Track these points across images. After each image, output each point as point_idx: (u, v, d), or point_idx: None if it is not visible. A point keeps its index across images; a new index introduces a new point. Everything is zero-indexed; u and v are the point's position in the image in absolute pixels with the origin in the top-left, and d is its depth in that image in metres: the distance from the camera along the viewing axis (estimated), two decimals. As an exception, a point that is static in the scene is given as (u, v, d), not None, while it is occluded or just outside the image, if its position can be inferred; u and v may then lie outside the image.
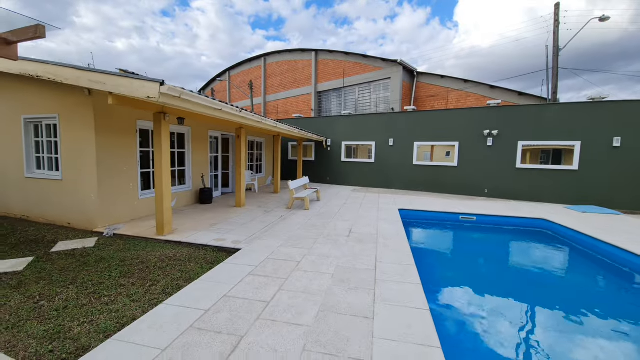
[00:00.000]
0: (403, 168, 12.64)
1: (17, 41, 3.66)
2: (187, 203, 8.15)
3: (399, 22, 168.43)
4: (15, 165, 6.27)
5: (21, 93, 6.02)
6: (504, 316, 3.65)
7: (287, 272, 3.80)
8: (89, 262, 4.10)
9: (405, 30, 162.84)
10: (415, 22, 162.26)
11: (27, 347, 2.36)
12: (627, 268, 5.06)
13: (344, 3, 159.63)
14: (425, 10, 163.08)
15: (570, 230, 6.64)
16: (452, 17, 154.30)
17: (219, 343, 2.35)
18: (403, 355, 2.24)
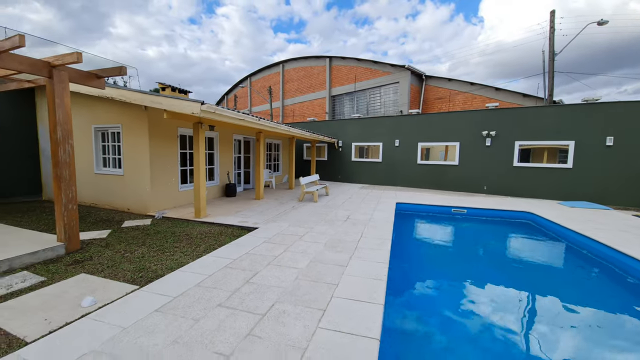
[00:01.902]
0: (408, 167, 13.61)
1: (105, 76, 5.25)
2: (216, 196, 9.71)
3: (421, 19, 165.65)
4: (87, 164, 8.06)
5: (92, 108, 7.79)
6: (443, 277, 4.76)
7: (291, 241, 5.12)
8: (150, 233, 5.64)
9: (428, 28, 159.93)
10: (438, 19, 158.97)
11: (124, 275, 3.82)
12: (585, 251, 5.91)
13: (364, 3, 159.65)
14: (449, 6, 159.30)
15: (548, 221, 7.47)
16: (477, 12, 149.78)
17: (243, 273, 3.71)
18: (358, 282, 3.48)
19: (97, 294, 3.21)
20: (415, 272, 4.98)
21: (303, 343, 2.37)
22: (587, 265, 5.52)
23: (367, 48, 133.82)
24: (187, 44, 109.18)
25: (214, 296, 3.13)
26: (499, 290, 4.48)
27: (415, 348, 2.99)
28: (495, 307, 3.86)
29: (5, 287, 3.39)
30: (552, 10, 11.46)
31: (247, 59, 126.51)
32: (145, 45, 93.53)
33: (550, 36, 11.92)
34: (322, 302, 3.04)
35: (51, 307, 2.95)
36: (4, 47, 3.80)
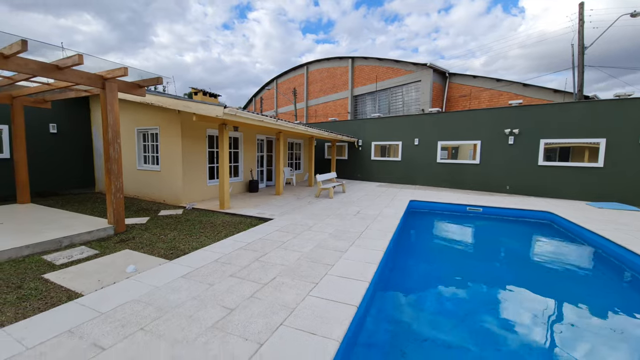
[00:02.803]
0: (427, 166, 13.59)
1: (145, 86, 6.15)
2: (240, 191, 10.55)
3: (455, 13, 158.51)
4: (131, 161, 9.23)
5: (135, 113, 8.92)
6: (436, 267, 5.01)
7: (301, 230, 5.66)
8: (181, 221, 6.48)
9: (462, 22, 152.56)
10: (473, 12, 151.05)
11: (158, 252, 4.58)
12: (599, 250, 5.80)
13: (394, 0, 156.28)
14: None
15: (566, 221, 7.29)
16: (517, 2, 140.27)
17: (254, 254, 4.30)
18: (352, 265, 3.92)
19: (137, 264, 3.97)
20: (411, 261, 5.29)
21: (293, 305, 2.88)
22: (598, 264, 5.45)
23: (396, 45, 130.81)
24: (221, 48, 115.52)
25: (227, 269, 3.75)
26: (482, 279, 4.66)
27: (394, 316, 3.38)
28: (469, 291, 4.12)
29: (66, 257, 4.28)
30: (581, 2, 10.82)
31: (276, 61, 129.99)
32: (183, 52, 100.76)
33: (579, 29, 11.28)
34: (317, 277, 3.53)
35: (103, 272, 3.74)
36: (67, 64, 4.73)
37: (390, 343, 2.96)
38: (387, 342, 2.97)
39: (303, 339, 2.35)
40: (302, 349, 2.24)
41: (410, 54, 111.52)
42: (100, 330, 2.43)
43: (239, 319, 2.64)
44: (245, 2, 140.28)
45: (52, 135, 9.44)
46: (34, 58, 4.55)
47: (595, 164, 9.87)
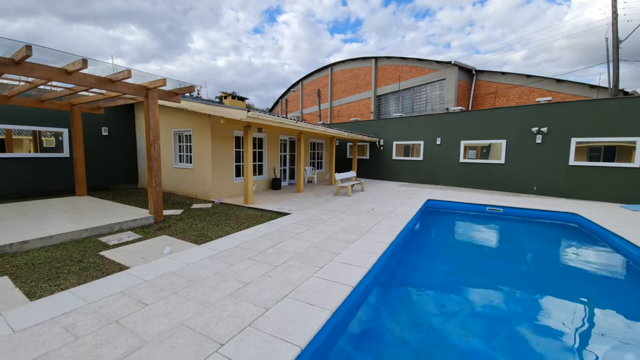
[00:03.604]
0: (450, 165, 13.42)
1: (180, 93, 6.96)
2: (263, 188, 11.26)
3: (492, 5, 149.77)
4: (169, 160, 10.28)
5: (172, 117, 9.94)
6: (440, 262, 5.19)
7: (315, 224, 6.12)
8: (210, 213, 7.23)
9: (500, 13, 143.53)
10: (512, 2, 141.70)
11: (190, 238, 5.27)
12: (620, 253, 5.62)
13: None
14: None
15: (592, 223, 7.03)
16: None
17: (270, 242, 4.84)
18: (357, 254, 4.30)
19: (172, 247, 4.67)
20: (417, 256, 5.52)
21: (297, 282, 3.35)
22: (619, 268, 5.31)
23: (426, 41, 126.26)
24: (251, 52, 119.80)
25: (246, 253, 4.32)
26: (484, 279, 4.78)
27: (386, 299, 3.72)
28: (465, 288, 4.29)
29: (117, 239, 5.10)
30: (618, -7, 10.10)
31: (304, 62, 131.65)
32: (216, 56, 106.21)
33: (612, 22, 10.53)
34: (322, 263, 3.97)
35: (145, 252, 4.47)
36: (118, 77, 5.59)
37: (376, 319, 3.32)
38: (374, 318, 3.34)
39: (302, 308, 2.81)
40: (300, 314, 2.70)
41: (442, 50, 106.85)
42: (144, 292, 3.07)
43: (251, 290, 3.16)
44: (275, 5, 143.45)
45: (104, 137, 10.77)
46: (90, 72, 5.44)
47: (631, 164, 9.26)
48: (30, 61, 4.58)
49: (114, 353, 2.16)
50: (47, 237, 4.71)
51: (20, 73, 4.65)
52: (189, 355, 2.14)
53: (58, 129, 9.47)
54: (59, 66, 4.94)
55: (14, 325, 2.48)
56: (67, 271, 3.72)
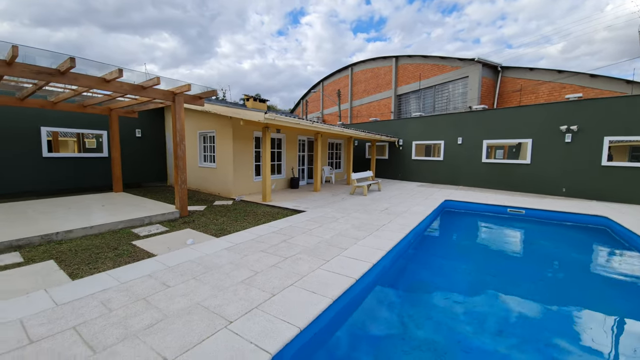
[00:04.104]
0: (471, 165, 13.06)
1: (204, 97, 7.45)
2: (282, 187, 11.65)
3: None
4: (194, 159, 10.96)
5: (197, 119, 10.58)
6: (449, 261, 5.17)
7: (327, 221, 6.33)
8: (230, 210, 7.68)
9: (535, 4, 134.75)
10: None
11: (210, 231, 5.69)
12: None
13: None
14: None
15: (621, 227, 6.64)
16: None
17: (283, 236, 5.12)
18: (364, 250, 4.47)
19: (194, 239, 5.09)
20: (426, 254, 5.56)
21: (304, 273, 3.59)
22: None
23: (454, 37, 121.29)
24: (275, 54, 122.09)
25: (259, 246, 4.62)
26: (495, 282, 4.72)
27: (386, 292, 3.84)
28: (472, 291, 4.28)
29: (147, 231, 5.62)
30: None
31: (327, 62, 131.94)
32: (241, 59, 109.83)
33: None
34: (329, 257, 4.18)
35: (170, 242, 4.92)
36: (149, 84, 6.14)
37: (375, 309, 3.48)
38: (373, 309, 3.50)
39: (305, 295, 3.04)
40: (302, 300, 2.93)
41: (470, 46, 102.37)
42: (168, 276, 3.46)
43: (261, 278, 3.44)
44: (299, 7, 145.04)
45: (138, 138, 11.68)
46: (127, 78, 6.03)
47: (675, 164, 8.55)
48: (74, 71, 5.20)
49: (141, 323, 2.51)
50: (89, 227, 5.32)
51: (65, 82, 5.29)
52: (203, 328, 2.45)
53: (98, 131, 10.43)
54: (98, 75, 5.55)
55: (57, 300, 2.93)
56: (104, 257, 4.23)
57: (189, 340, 2.30)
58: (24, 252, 4.32)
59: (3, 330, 2.41)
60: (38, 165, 9.20)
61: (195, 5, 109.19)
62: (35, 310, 2.71)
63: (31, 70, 4.84)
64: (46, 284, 3.29)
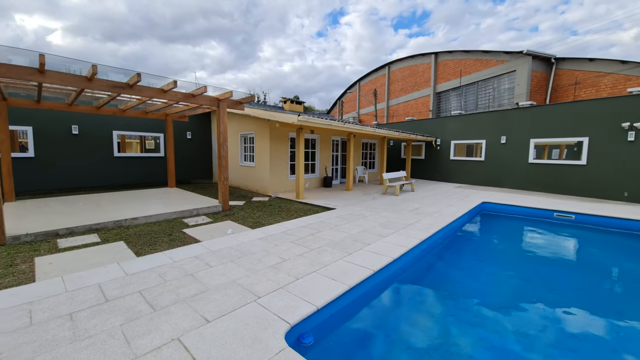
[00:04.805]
0: (517, 166, 12.22)
1: (243, 102, 8.17)
2: (315, 186, 12.10)
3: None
4: (236, 159, 11.91)
5: (239, 122, 11.50)
6: (475, 263, 5.05)
7: (355, 218, 6.58)
8: (266, 205, 8.31)
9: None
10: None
11: (247, 223, 6.29)
12: None
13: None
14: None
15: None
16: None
17: (311, 230, 5.51)
18: (386, 246, 4.66)
19: (234, 229, 5.71)
20: (451, 256, 5.50)
21: (327, 263, 3.92)
22: None
23: (507, 27, 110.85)
24: (314, 55, 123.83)
25: (289, 237, 5.06)
26: (526, 292, 4.53)
27: (401, 288, 3.99)
28: (492, 299, 4.18)
29: (194, 221, 6.41)
30: None
31: (365, 61, 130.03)
32: (282, 62, 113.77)
33: None
34: (352, 250, 4.46)
35: (213, 231, 5.59)
36: (198, 92, 6.95)
37: (387, 301, 3.66)
38: (386, 300, 3.68)
39: (325, 281, 3.37)
40: (322, 285, 3.26)
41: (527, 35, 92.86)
42: (210, 258, 4.04)
43: (288, 265, 3.85)
44: (339, 8, 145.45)
45: (188, 140, 13.03)
46: (180, 85, 6.90)
47: None
48: (139, 84, 6.14)
49: (189, 292, 3.06)
50: (149, 216, 6.25)
51: (132, 93, 6.27)
52: (236, 300, 2.91)
53: (156, 134, 11.88)
54: (158, 87, 6.47)
55: (127, 271, 3.63)
56: (161, 240, 5.00)
57: (225, 308, 2.77)
58: (100, 234, 5.29)
59: (85, 292, 3.12)
60: (110, 163, 10.82)
61: (241, 14, 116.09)
62: (110, 277, 3.43)
63: (107, 85, 5.86)
64: (118, 259, 4.07)
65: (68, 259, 4.05)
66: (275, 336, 2.36)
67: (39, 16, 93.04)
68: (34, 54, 5.01)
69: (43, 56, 4.75)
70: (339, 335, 2.96)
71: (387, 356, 2.74)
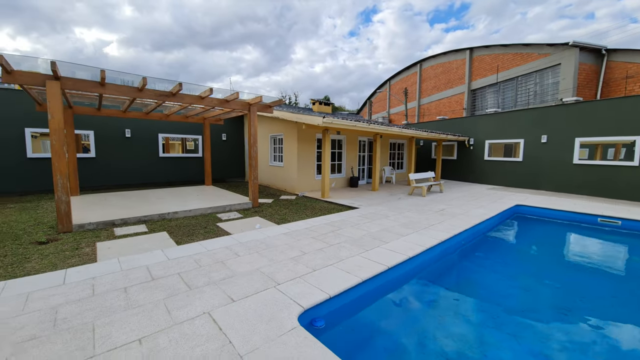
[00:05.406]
0: (558, 168, 11.38)
1: (272, 106, 8.65)
2: (341, 186, 12.32)
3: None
4: (266, 159, 12.54)
5: (269, 124, 12.09)
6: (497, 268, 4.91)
7: (377, 218, 6.72)
8: (292, 203, 8.73)
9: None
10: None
11: (274, 219, 6.72)
12: None
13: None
14: None
15: None
16: None
17: (332, 227, 5.77)
18: (404, 244, 4.77)
19: (261, 225, 6.16)
20: (476, 258, 5.41)
21: (343, 257, 4.16)
22: None
23: (559, 14, 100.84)
24: (346, 55, 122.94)
25: (311, 233, 5.37)
26: (546, 304, 4.35)
27: (413, 287, 4.07)
28: (504, 313, 4.06)
29: (227, 216, 6.98)
30: None
31: (399, 59, 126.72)
32: (314, 64, 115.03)
33: None
34: (370, 247, 4.64)
35: (243, 226, 6.08)
36: (231, 98, 7.54)
37: (396, 295, 3.78)
38: (396, 296, 3.81)
39: (339, 273, 3.62)
40: (336, 277, 3.52)
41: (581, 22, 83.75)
42: (238, 249, 4.48)
43: (307, 257, 4.15)
44: (371, 6, 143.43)
45: (223, 142, 13.96)
46: (215, 90, 7.55)
47: None
48: (181, 92, 6.85)
49: (219, 276, 3.50)
50: (188, 210, 6.95)
51: (175, 100, 7.00)
52: (258, 285, 3.28)
53: (196, 136, 12.92)
54: (196, 94, 7.16)
55: (169, 256, 4.18)
56: (197, 232, 5.59)
57: (248, 291, 3.15)
58: (148, 225, 6.03)
59: (136, 271, 3.68)
60: (156, 163, 12.01)
61: (275, 18, 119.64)
62: (155, 261, 3.99)
63: (154, 94, 6.63)
64: (162, 246, 4.67)
65: (123, 245, 4.74)
66: (289, 317, 2.67)
67: (96, 29, 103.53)
68: (95, 70, 5.86)
69: (103, 71, 5.57)
70: (349, 323, 3.19)
71: (391, 346, 2.92)
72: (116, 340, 2.33)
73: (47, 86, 5.23)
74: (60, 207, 5.35)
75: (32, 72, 5.25)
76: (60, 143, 5.29)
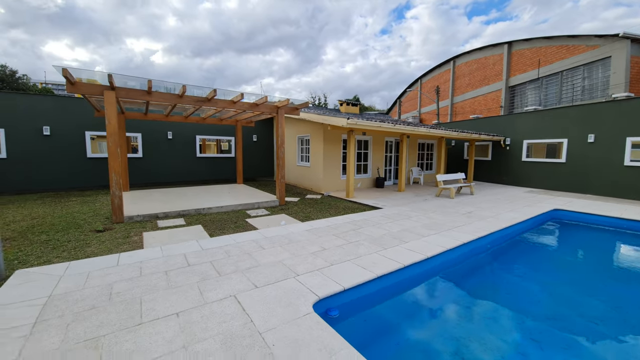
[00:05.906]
0: (607, 170, 10.43)
1: (299, 108, 9.00)
2: (367, 186, 12.37)
3: None
4: (293, 159, 12.98)
5: (297, 125, 12.51)
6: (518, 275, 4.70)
7: (400, 218, 6.76)
8: (317, 202, 9.01)
9: None
10: None
11: (299, 217, 7.03)
12: None
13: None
14: None
15: None
16: None
17: (354, 226, 5.95)
18: (424, 245, 4.81)
19: (286, 221, 6.51)
20: (500, 262, 5.25)
21: (361, 254, 4.34)
22: None
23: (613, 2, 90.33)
24: (378, 54, 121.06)
25: (332, 231, 5.60)
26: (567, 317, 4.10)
27: (429, 286, 4.09)
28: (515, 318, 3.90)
29: (255, 213, 7.44)
30: None
31: (433, 55, 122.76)
32: (344, 64, 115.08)
33: None
34: (389, 246, 4.76)
35: (269, 222, 6.48)
36: (260, 101, 8.00)
37: (410, 294, 3.85)
38: (409, 294, 3.88)
39: (356, 268, 3.81)
40: (352, 271, 3.71)
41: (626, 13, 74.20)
42: (264, 242, 4.85)
43: (326, 253, 4.39)
44: (404, 1, 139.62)
45: (254, 142, 14.68)
46: (247, 94, 8.06)
47: None
48: (215, 98, 7.44)
49: (245, 266, 3.86)
50: (220, 207, 7.53)
51: (210, 105, 7.61)
52: (279, 275, 3.58)
53: (229, 137, 13.75)
54: (229, 99, 7.72)
55: (202, 246, 4.65)
56: (228, 226, 6.08)
57: (270, 279, 3.46)
58: (185, 218, 6.66)
59: (175, 258, 4.17)
60: (193, 162, 12.99)
61: (307, 20, 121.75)
62: (191, 250, 4.47)
63: (192, 99, 7.28)
64: (197, 238, 5.18)
65: (164, 235, 5.34)
66: (305, 304, 2.93)
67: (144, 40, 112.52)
68: (143, 79, 6.60)
69: (150, 81, 6.27)
70: (362, 316, 3.37)
71: (402, 341, 3.05)
72: (159, 313, 2.75)
73: (105, 95, 6.02)
74: (114, 201, 6.13)
75: (91, 84, 6.07)
76: (115, 145, 6.07)
